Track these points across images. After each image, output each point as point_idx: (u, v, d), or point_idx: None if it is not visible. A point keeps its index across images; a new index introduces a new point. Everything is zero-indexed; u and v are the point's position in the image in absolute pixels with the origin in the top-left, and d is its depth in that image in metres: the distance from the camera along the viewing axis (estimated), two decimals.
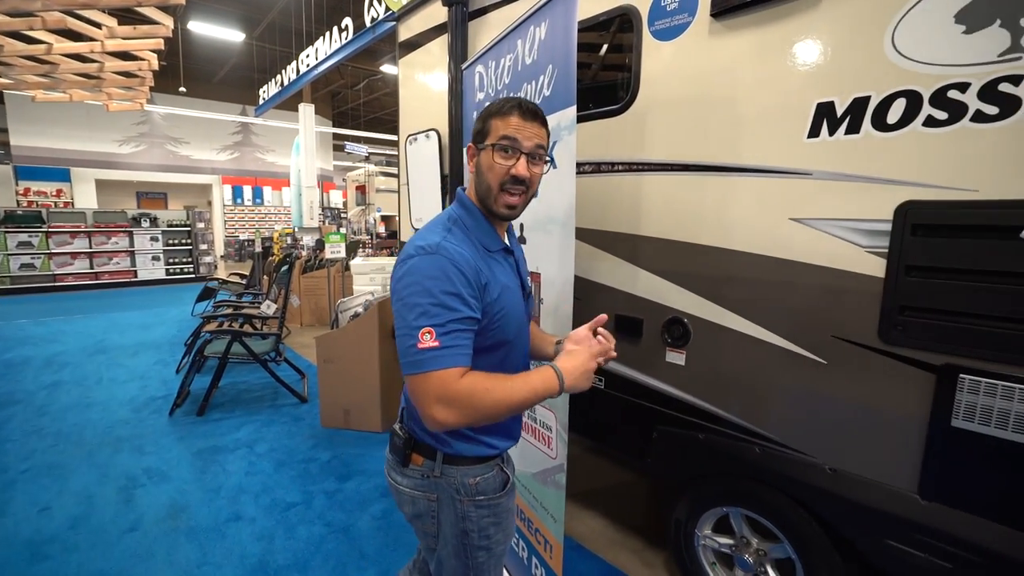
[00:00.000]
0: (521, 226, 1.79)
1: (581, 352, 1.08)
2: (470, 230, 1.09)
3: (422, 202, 3.13)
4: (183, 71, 12.36)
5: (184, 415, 3.91)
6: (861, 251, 1.38)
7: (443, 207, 2.95)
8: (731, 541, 1.88)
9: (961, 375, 1.23)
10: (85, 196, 13.78)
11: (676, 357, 1.85)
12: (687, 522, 1.96)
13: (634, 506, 2.73)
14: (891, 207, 1.32)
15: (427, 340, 0.92)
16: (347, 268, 6.62)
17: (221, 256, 15.34)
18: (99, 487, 2.87)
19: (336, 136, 18.26)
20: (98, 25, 5.28)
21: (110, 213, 10.45)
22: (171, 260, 10.91)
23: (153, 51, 5.93)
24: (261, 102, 11.00)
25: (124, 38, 5.55)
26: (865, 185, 1.36)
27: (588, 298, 2.12)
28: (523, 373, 1.01)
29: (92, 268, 10.04)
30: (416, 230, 1.14)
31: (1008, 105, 1.15)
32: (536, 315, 1.73)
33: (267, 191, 17.02)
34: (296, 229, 11.87)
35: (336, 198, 16.80)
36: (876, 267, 1.36)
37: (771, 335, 1.59)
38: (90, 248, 10.01)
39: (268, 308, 4.42)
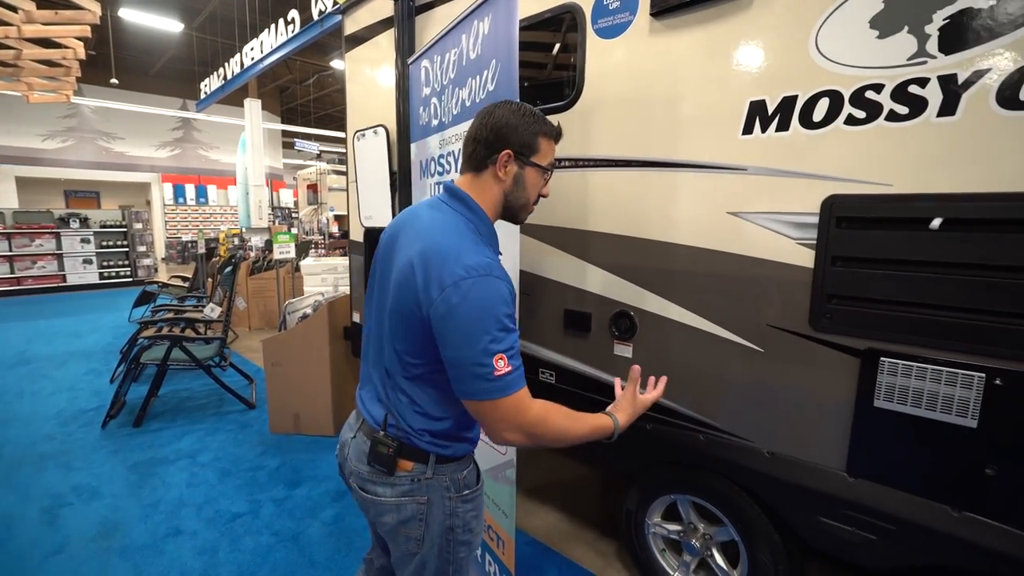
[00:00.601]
0: None
1: (636, 407, 1.26)
2: (484, 237, 1.09)
3: (371, 200, 3.06)
4: (115, 62, 11.63)
5: (119, 427, 3.68)
6: (793, 243, 1.45)
7: (392, 204, 2.90)
8: (679, 527, 1.93)
9: (882, 358, 1.31)
10: (4, 195, 12.74)
11: (623, 350, 1.88)
12: (637, 511, 2.00)
13: (587, 498, 2.77)
14: (818, 201, 1.39)
15: (502, 367, 0.92)
16: (297, 269, 6.42)
17: (163, 259, 14.53)
18: (19, 508, 2.66)
19: (286, 133, 17.64)
20: (14, 9, 4.89)
21: (32, 213, 9.71)
22: (105, 263, 10.25)
23: (79, 39, 5.54)
24: (202, 97, 10.49)
25: (44, 23, 5.16)
26: (795, 180, 1.43)
27: (538, 293, 2.14)
28: (584, 413, 1.10)
29: (13, 272, 9.31)
30: (366, 228, 1.13)
31: (916, 105, 1.23)
32: None
33: (212, 190, 16.26)
34: (244, 229, 11.41)
35: (287, 197, 16.24)
36: (806, 258, 1.42)
37: (712, 325, 1.64)
38: (10, 251, 9.27)
39: (212, 311, 4.22)
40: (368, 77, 3.09)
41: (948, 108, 1.19)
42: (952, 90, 1.18)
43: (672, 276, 1.72)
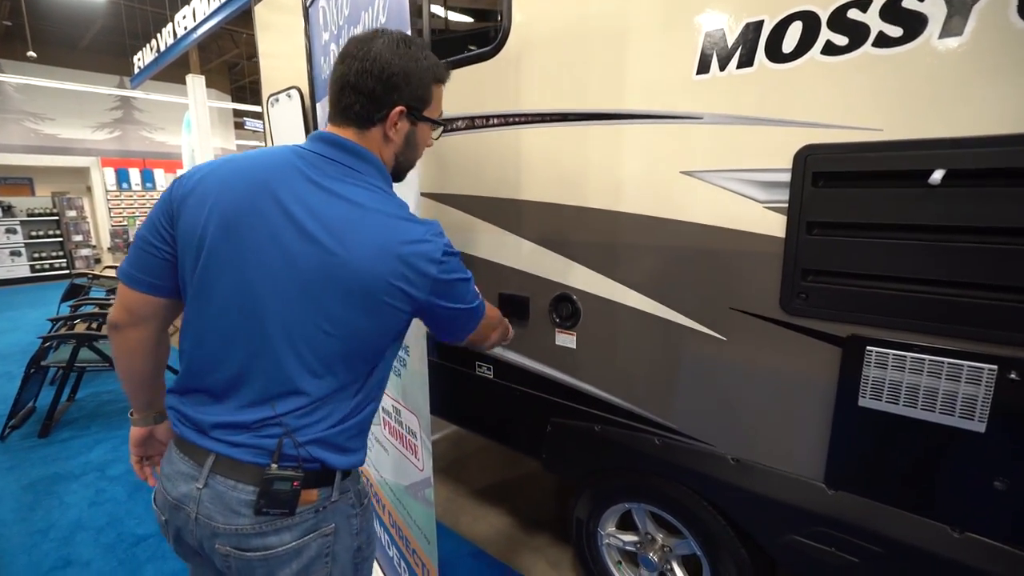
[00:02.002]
0: None
1: None
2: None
3: None
4: (37, 33, 10.60)
5: (22, 438, 3.26)
6: (759, 207, 1.17)
7: None
8: (636, 538, 1.69)
9: (868, 347, 1.06)
10: None
11: (566, 340, 1.60)
12: (589, 520, 1.75)
13: (539, 498, 2.52)
14: (790, 153, 1.11)
15: (478, 299, 1.02)
16: None
17: (108, 248, 13.61)
18: None
19: (237, 112, 16.66)
20: None
21: None
22: (37, 255, 9.48)
23: None
24: (136, 71, 9.66)
25: None
26: (761, 128, 1.15)
27: None
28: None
29: None
30: None
31: (912, 24, 0.95)
32: None
33: (159, 174, 15.26)
34: None
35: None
36: (776, 225, 1.15)
37: (666, 310, 1.37)
38: None
39: None
40: (278, 35, 2.69)
41: (954, 25, 0.92)
42: (959, 0, 0.91)
43: (618, 252, 1.44)
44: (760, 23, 1.12)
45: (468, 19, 3.13)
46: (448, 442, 3.08)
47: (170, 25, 7.96)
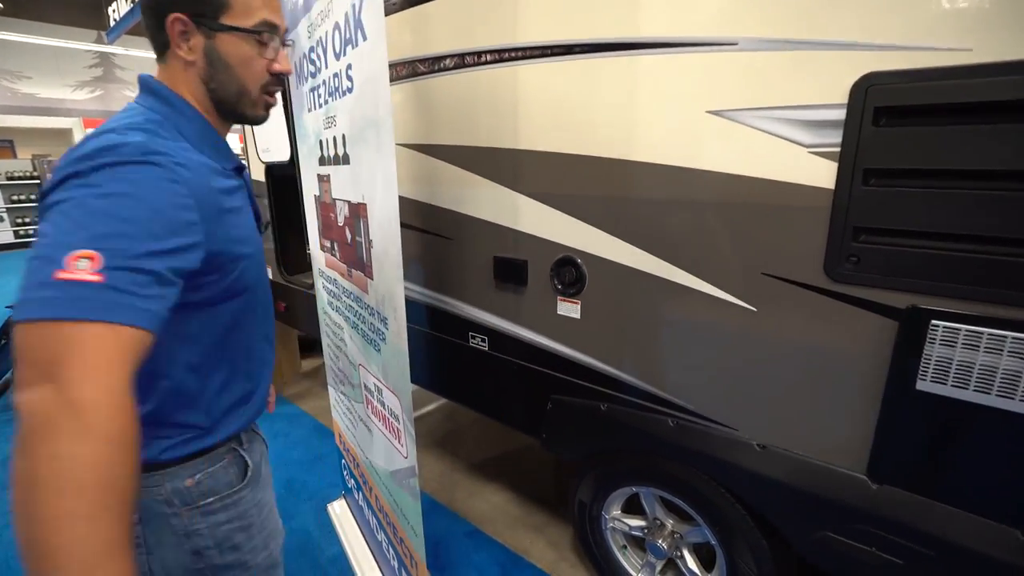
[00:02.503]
0: (343, 139, 1.24)
1: None
2: (189, 139, 0.74)
3: (266, 130, 2.45)
4: None
5: (2, 410, 3.13)
6: (803, 152, 0.97)
7: (289, 131, 2.31)
8: (643, 523, 1.56)
9: (934, 321, 0.88)
10: None
11: (569, 309, 1.42)
12: (592, 504, 1.62)
13: (537, 474, 2.40)
14: (846, 85, 0.91)
15: (82, 269, 0.52)
16: None
17: None
18: None
19: None
20: None
21: None
22: (20, 220, 9.21)
23: None
24: (111, 24, 9.14)
25: None
26: (810, 54, 0.94)
27: (461, 237, 1.64)
28: (114, 518, 0.50)
29: None
30: (265, 164, 0.67)
31: None
32: (366, 261, 1.23)
33: None
34: None
35: (232, 142, 14.89)
36: (824, 174, 0.96)
37: (685, 276, 1.19)
38: None
39: None
40: None
41: None
42: None
43: (631, 209, 1.24)
44: None
45: None
46: (442, 414, 2.95)
47: None
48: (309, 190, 1.64)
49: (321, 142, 1.41)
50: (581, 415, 1.48)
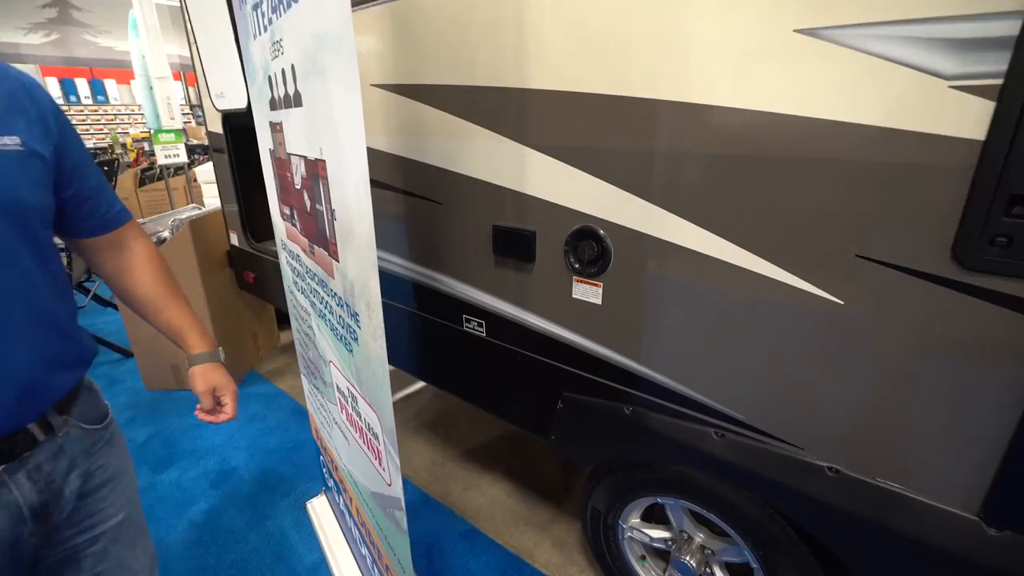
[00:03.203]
0: (292, 71, 0.92)
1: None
2: None
3: (219, 71, 2.08)
4: None
5: None
6: (940, 87, 0.69)
7: (243, 68, 1.94)
8: (667, 535, 1.36)
9: None
10: None
11: (588, 292, 1.16)
12: (608, 512, 1.41)
13: (541, 463, 2.20)
14: None
15: None
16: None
17: None
18: None
19: None
20: None
21: None
22: None
23: None
24: None
25: None
26: None
27: (453, 201, 1.35)
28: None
29: None
30: (222, 112, 0.33)
31: None
32: (329, 237, 0.94)
33: (111, 85, 13.79)
34: (153, 132, 9.72)
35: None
36: (971, 118, 0.67)
37: (746, 256, 0.92)
38: None
39: None
40: None
41: None
42: None
43: (674, 167, 0.95)
44: None
45: None
46: (431, 392, 2.72)
47: None
48: (264, 143, 1.32)
49: (270, 79, 1.08)
50: (600, 417, 1.24)
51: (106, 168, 6.16)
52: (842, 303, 0.84)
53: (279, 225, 1.38)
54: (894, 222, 0.76)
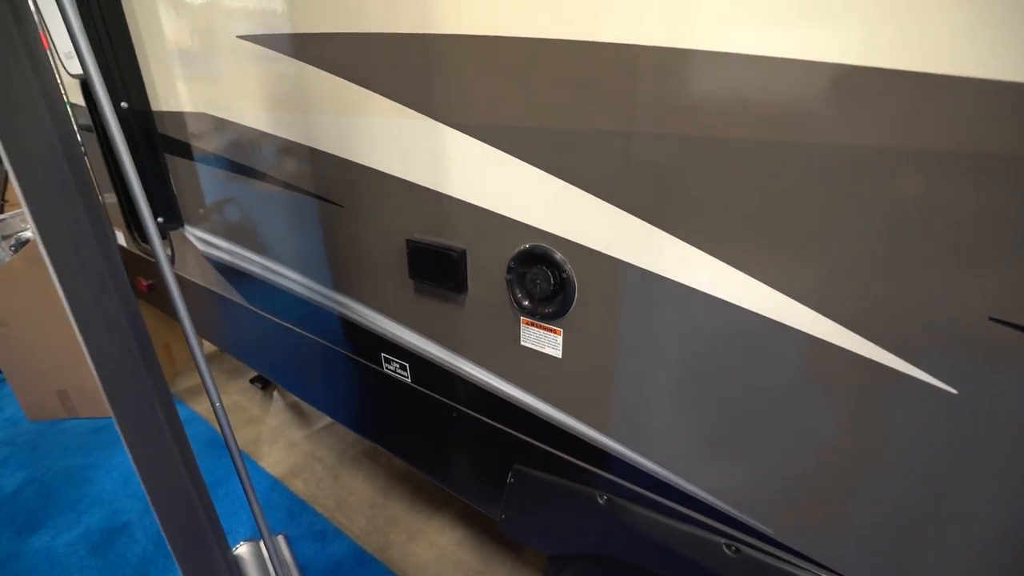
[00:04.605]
0: None
1: None
2: None
3: (63, 28, 1.59)
4: None
5: None
6: None
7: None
8: None
9: None
10: None
11: (543, 341, 0.80)
12: None
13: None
14: None
15: None
16: None
17: None
18: None
19: None
20: None
21: None
22: None
23: None
24: None
25: None
26: None
27: (352, 203, 0.96)
28: None
29: None
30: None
31: None
32: None
33: None
34: None
35: None
36: None
37: (805, 314, 0.57)
38: None
39: None
40: None
41: None
42: None
43: (675, 165, 0.59)
44: None
45: None
46: None
47: None
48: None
49: None
50: (565, 503, 0.90)
51: None
52: (955, 392, 0.50)
53: None
54: None
